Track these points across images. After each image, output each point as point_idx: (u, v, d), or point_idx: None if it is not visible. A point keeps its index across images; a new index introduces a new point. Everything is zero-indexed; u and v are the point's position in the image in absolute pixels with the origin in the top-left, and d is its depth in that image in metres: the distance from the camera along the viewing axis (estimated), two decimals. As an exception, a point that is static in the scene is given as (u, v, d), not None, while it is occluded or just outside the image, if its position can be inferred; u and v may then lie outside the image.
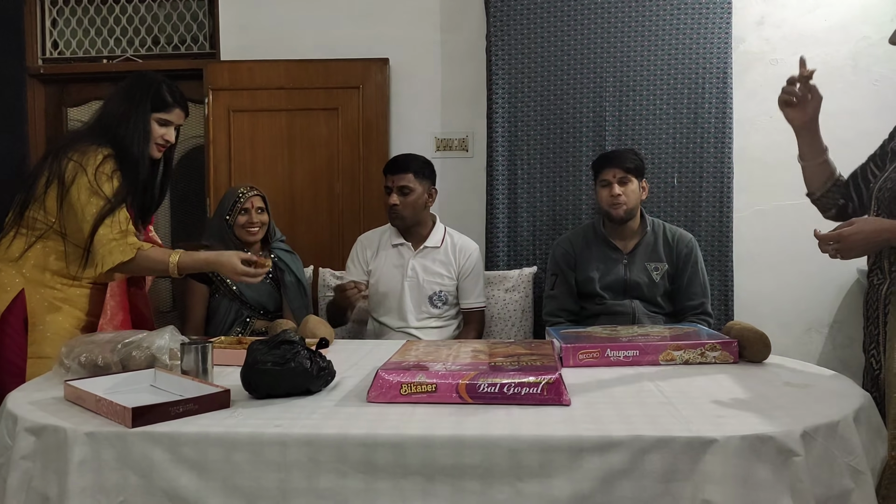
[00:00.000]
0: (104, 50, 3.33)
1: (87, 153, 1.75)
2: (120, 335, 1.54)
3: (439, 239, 2.38)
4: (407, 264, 2.34)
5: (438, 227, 2.41)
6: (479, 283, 2.39)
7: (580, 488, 1.07)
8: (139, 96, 1.84)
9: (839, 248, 1.37)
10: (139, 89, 1.86)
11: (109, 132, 1.81)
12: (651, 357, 1.59)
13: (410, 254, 2.35)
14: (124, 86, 1.88)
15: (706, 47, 2.70)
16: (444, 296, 2.34)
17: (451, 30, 3.02)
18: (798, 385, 1.39)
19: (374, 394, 1.29)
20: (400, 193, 2.27)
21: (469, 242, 2.42)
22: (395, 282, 2.34)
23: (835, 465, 1.12)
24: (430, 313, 2.34)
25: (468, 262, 2.36)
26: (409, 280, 2.33)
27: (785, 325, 2.84)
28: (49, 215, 1.76)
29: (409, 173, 2.27)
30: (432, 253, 2.36)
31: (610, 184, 2.23)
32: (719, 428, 1.11)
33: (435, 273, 2.34)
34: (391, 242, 2.38)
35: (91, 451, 1.12)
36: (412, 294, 2.33)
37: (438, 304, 2.34)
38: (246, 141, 3.02)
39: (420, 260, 2.35)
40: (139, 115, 1.83)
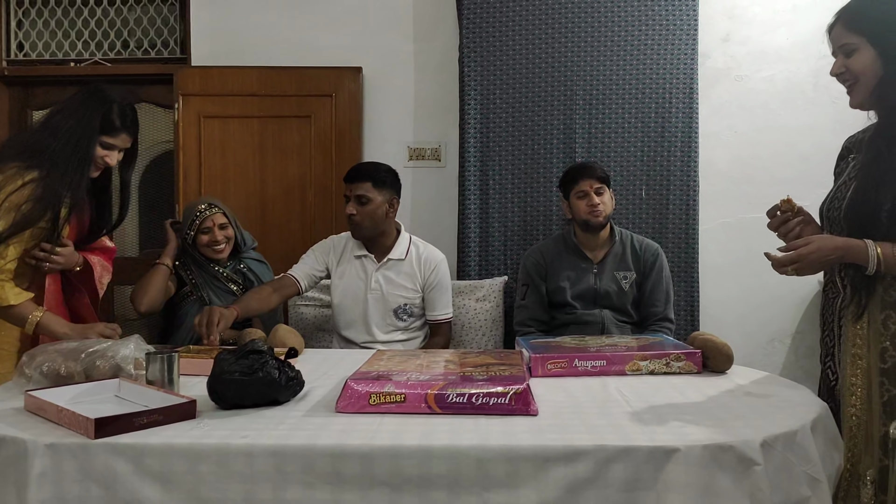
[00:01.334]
0: (71, 53, 3.27)
1: (7, 175, 1.65)
2: (84, 344, 1.52)
3: (404, 250, 2.30)
4: (370, 277, 2.27)
5: (403, 238, 2.33)
6: (445, 294, 2.33)
7: (546, 497, 1.08)
8: (87, 115, 1.75)
9: (798, 267, 1.38)
10: (89, 107, 1.76)
11: (47, 150, 1.70)
12: (618, 367, 1.62)
13: (374, 266, 2.28)
14: (75, 100, 1.78)
15: (673, 63, 2.77)
16: (410, 308, 2.29)
17: (424, 40, 3.04)
18: (758, 395, 1.42)
19: (343, 403, 1.29)
20: (357, 203, 2.19)
21: (435, 253, 2.35)
22: (358, 295, 2.27)
23: (793, 473, 1.15)
24: (396, 326, 2.28)
25: (433, 275, 2.29)
26: (372, 293, 2.26)
27: (749, 336, 2.91)
28: None
29: (368, 182, 2.19)
30: (397, 265, 2.29)
31: (587, 194, 2.28)
32: (682, 437, 1.13)
33: (399, 286, 2.27)
34: (354, 253, 2.30)
35: (52, 463, 1.10)
36: (376, 307, 2.26)
37: (404, 317, 2.28)
38: (217, 147, 2.99)
39: (384, 272, 2.28)
40: (84, 135, 1.73)
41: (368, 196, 2.19)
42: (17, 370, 1.48)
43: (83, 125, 1.74)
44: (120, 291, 3.18)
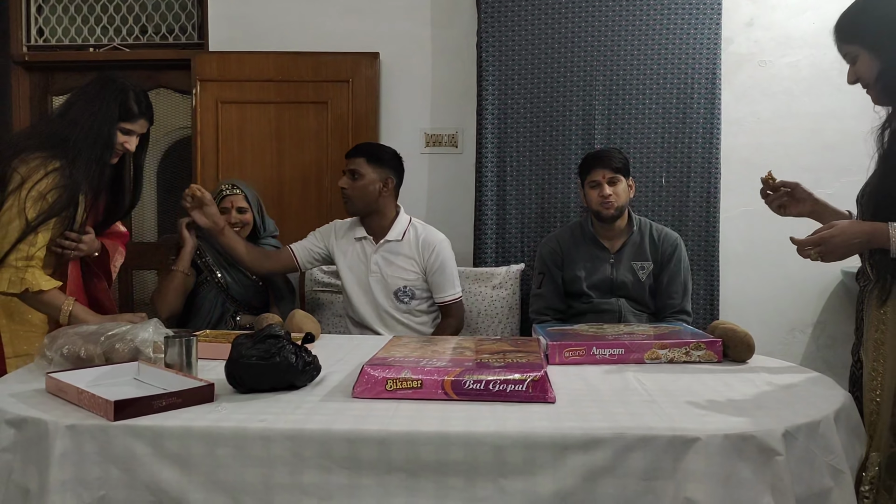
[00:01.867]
0: (91, 38, 3.29)
1: (32, 166, 1.67)
2: (103, 327, 1.53)
3: (401, 231, 2.30)
4: (370, 259, 2.29)
5: (401, 219, 2.32)
6: (449, 275, 2.31)
7: (563, 485, 1.08)
8: (106, 103, 1.77)
9: (821, 251, 1.38)
10: (106, 96, 1.78)
11: (67, 140, 1.72)
12: (636, 355, 1.60)
13: (372, 248, 2.30)
14: (91, 89, 1.80)
15: (696, 48, 2.72)
16: (411, 290, 2.29)
17: (441, 25, 3.02)
18: (780, 385, 1.40)
19: (360, 389, 1.29)
20: (350, 177, 2.24)
21: (434, 234, 2.33)
22: (361, 278, 2.30)
23: (815, 463, 1.14)
24: (398, 308, 2.29)
25: (433, 256, 2.28)
26: (373, 275, 2.28)
27: (769, 325, 2.87)
28: None
29: (361, 157, 2.24)
30: (395, 247, 2.29)
31: (600, 184, 2.23)
32: (702, 426, 1.11)
33: (398, 268, 2.28)
34: (354, 236, 2.32)
35: (72, 444, 1.11)
36: (378, 289, 2.28)
37: (405, 299, 2.28)
38: (234, 133, 3.00)
39: (382, 254, 2.29)
40: (103, 124, 1.76)
41: (361, 171, 2.23)
42: (39, 352, 1.50)
43: (103, 113, 1.76)
44: (139, 276, 3.21)
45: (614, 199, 2.22)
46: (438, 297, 2.32)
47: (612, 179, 2.23)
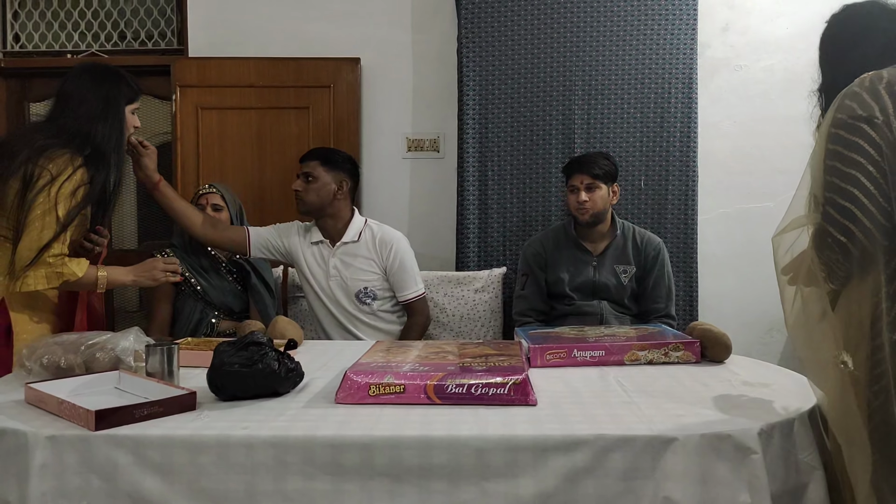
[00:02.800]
0: (68, 44, 3.26)
1: (58, 162, 1.67)
2: (83, 336, 1.52)
3: (356, 232, 2.31)
4: (328, 263, 2.30)
5: (356, 221, 2.33)
6: (410, 272, 2.32)
7: (545, 487, 1.09)
8: (113, 90, 1.78)
9: None
10: (109, 83, 1.79)
11: (88, 136, 1.73)
12: (616, 357, 1.62)
13: (329, 251, 2.31)
14: (90, 80, 1.78)
15: (672, 53, 2.76)
16: (372, 292, 2.29)
17: (422, 31, 3.03)
18: (756, 384, 1.43)
19: (343, 395, 1.30)
20: (304, 179, 2.26)
21: (391, 233, 2.34)
22: (323, 281, 2.30)
23: (790, 461, 1.16)
24: (361, 310, 2.30)
25: (392, 255, 2.29)
26: (332, 279, 2.29)
27: (747, 325, 2.91)
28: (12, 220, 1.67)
29: (316, 161, 2.27)
30: (352, 248, 2.30)
31: (578, 189, 2.26)
32: (680, 427, 1.13)
33: (357, 269, 2.29)
34: (311, 240, 2.33)
35: (53, 454, 1.11)
36: (340, 293, 2.29)
37: (367, 300, 2.29)
38: (214, 139, 2.99)
39: (340, 257, 2.30)
40: (117, 112, 1.78)
41: (314, 174, 2.25)
42: (17, 362, 1.48)
43: (113, 103, 1.78)
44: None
45: (590, 205, 2.25)
46: (402, 296, 2.32)
47: (591, 185, 2.25)
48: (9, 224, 1.68)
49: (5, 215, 1.68)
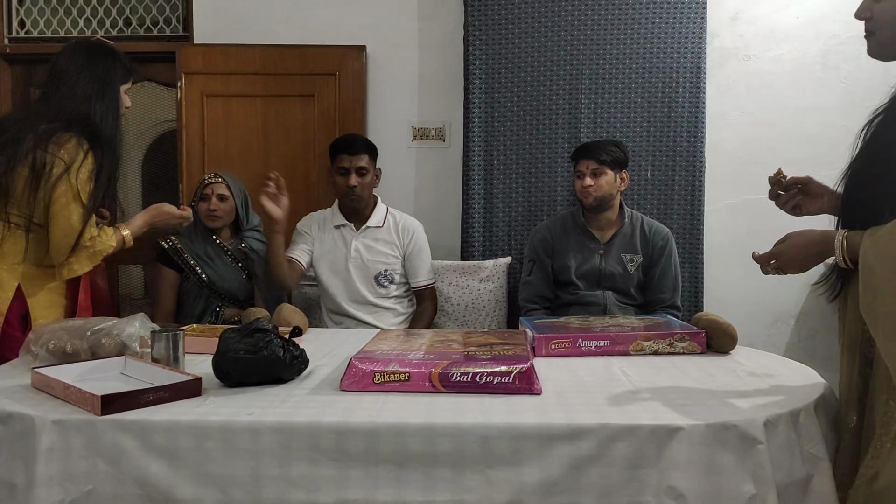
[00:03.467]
0: (73, 30, 3.25)
1: (68, 148, 1.69)
2: (89, 322, 1.53)
3: (381, 218, 2.38)
4: (350, 245, 2.34)
5: (380, 207, 2.40)
6: (426, 259, 2.41)
7: (549, 475, 1.09)
8: (108, 71, 1.79)
9: (778, 264, 1.35)
10: (104, 63, 1.80)
11: (88, 116, 1.74)
12: (621, 347, 1.62)
13: (353, 234, 2.35)
14: (85, 59, 1.79)
15: (681, 42, 2.74)
16: (391, 275, 2.34)
17: (428, 18, 3.01)
18: (762, 375, 1.43)
19: (348, 382, 1.30)
20: (358, 174, 2.27)
21: (412, 221, 2.43)
22: (340, 263, 2.34)
23: (795, 452, 1.16)
24: (378, 293, 2.34)
25: (412, 240, 2.37)
26: (353, 261, 2.33)
27: (753, 317, 2.91)
28: (23, 208, 1.69)
29: (366, 154, 2.29)
30: (374, 232, 2.36)
31: (583, 175, 2.27)
32: (685, 416, 1.13)
33: (379, 252, 2.34)
34: (333, 224, 2.37)
35: (59, 438, 1.11)
36: (357, 274, 2.33)
37: (385, 283, 2.34)
38: (220, 126, 2.98)
39: (362, 240, 2.35)
40: (112, 92, 1.80)
41: (366, 167, 2.29)
42: (24, 347, 1.49)
43: (108, 83, 1.80)
44: (124, 271, 3.19)
45: (593, 189, 2.25)
46: (415, 282, 2.39)
47: (596, 171, 2.25)
48: (20, 212, 1.70)
49: (15, 203, 1.69)
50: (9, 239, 1.71)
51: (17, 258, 1.71)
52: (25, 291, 1.73)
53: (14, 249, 1.71)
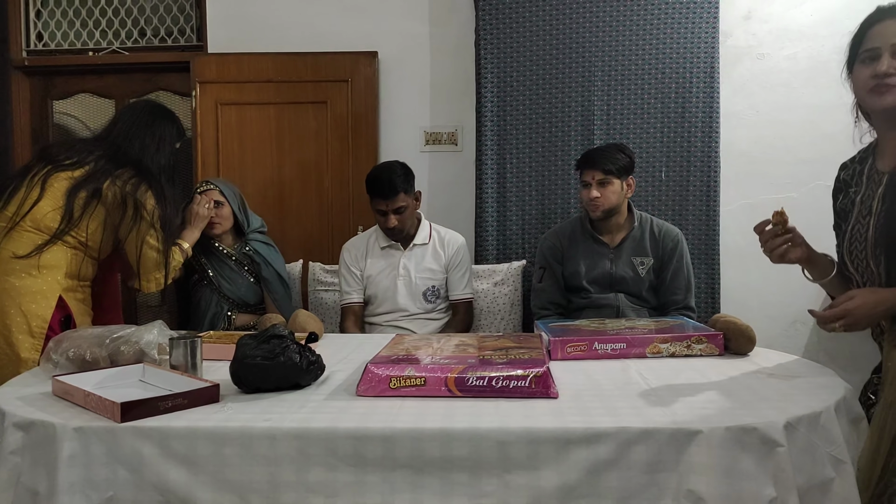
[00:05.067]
0: (90, 42, 3.30)
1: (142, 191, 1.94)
2: (108, 330, 1.54)
3: (426, 236, 2.44)
4: (398, 263, 2.39)
5: (424, 225, 2.46)
6: (466, 274, 2.44)
7: (567, 479, 1.09)
8: (168, 133, 2.05)
9: (846, 323, 1.33)
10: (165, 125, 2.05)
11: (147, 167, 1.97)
12: (638, 350, 1.61)
13: (400, 253, 2.40)
14: (148, 118, 2.04)
15: (693, 42, 2.72)
16: (437, 290, 2.40)
17: (439, 23, 3.02)
18: (782, 377, 1.41)
19: (364, 387, 1.30)
20: (396, 213, 2.31)
21: (456, 235, 2.48)
22: (388, 282, 2.38)
23: (817, 454, 1.14)
24: (425, 308, 2.39)
25: (455, 254, 2.42)
26: (401, 279, 2.38)
27: (771, 318, 2.88)
28: (80, 232, 1.88)
29: (400, 193, 2.29)
30: (421, 250, 2.42)
31: (589, 185, 2.24)
32: (704, 419, 1.12)
33: (426, 269, 2.39)
34: (379, 245, 2.42)
35: (80, 446, 1.12)
36: (405, 292, 2.37)
37: (432, 298, 2.40)
38: (234, 134, 3.01)
39: (410, 258, 2.40)
40: (170, 152, 2.06)
41: (404, 205, 2.32)
42: (45, 356, 1.51)
43: (168, 143, 2.05)
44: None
45: (601, 201, 2.22)
46: (453, 294, 2.42)
47: (602, 181, 2.22)
48: (76, 234, 1.88)
49: (73, 225, 1.87)
50: (56, 255, 1.86)
51: (61, 272, 1.87)
52: (67, 300, 1.87)
53: (59, 264, 1.86)
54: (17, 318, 1.79)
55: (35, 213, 1.85)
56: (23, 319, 1.79)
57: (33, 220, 1.85)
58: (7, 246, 1.83)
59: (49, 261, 1.85)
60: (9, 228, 1.84)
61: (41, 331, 1.80)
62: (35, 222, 1.85)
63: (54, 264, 1.85)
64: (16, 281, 1.81)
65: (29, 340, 1.79)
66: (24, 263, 1.82)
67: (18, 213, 1.85)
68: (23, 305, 1.80)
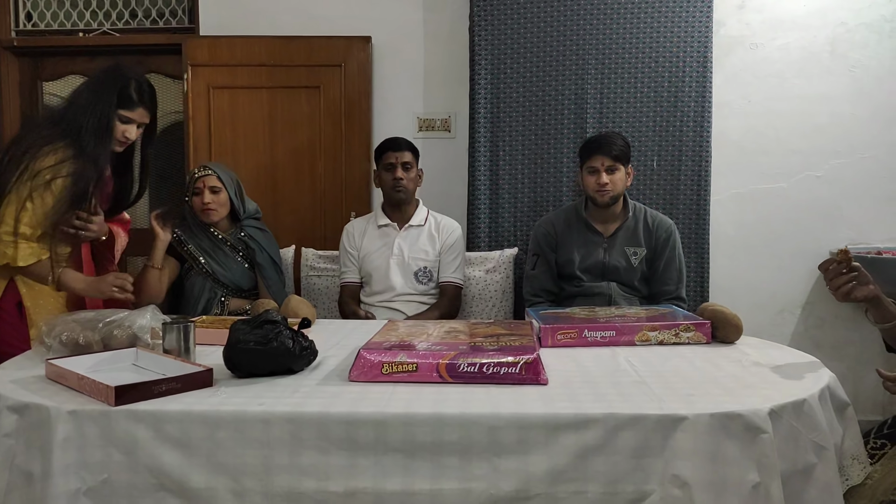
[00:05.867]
0: (80, 23, 3.26)
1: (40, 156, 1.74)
2: (101, 314, 1.55)
3: (423, 218, 2.47)
4: (393, 242, 2.42)
5: (422, 209, 2.50)
6: (457, 259, 2.45)
7: (556, 464, 1.11)
8: (106, 90, 1.83)
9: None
10: (108, 82, 1.84)
11: (72, 124, 1.79)
12: (627, 338, 1.63)
13: (395, 233, 2.44)
14: (96, 76, 1.88)
15: (687, 31, 2.72)
16: (429, 272, 2.42)
17: (434, 9, 3.01)
18: (767, 365, 1.43)
19: (356, 373, 1.31)
20: (403, 169, 2.39)
21: (452, 221, 2.52)
22: (381, 260, 2.41)
23: (800, 441, 1.17)
24: (417, 289, 2.41)
25: (450, 238, 2.46)
26: (395, 258, 2.41)
27: (759, 307, 2.91)
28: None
29: (408, 151, 2.42)
30: (416, 231, 2.45)
31: (598, 171, 2.23)
32: (690, 406, 1.15)
33: (419, 250, 2.42)
34: (377, 223, 2.47)
35: (74, 428, 1.14)
36: (398, 270, 2.40)
37: (424, 280, 2.42)
38: (226, 118, 2.99)
39: (405, 238, 2.43)
40: (102, 109, 1.81)
41: (411, 163, 2.41)
42: (37, 339, 1.51)
43: (103, 100, 1.82)
44: (133, 263, 3.21)
45: (611, 187, 2.22)
46: (443, 277, 2.44)
47: (611, 167, 2.22)
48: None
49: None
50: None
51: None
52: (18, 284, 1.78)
53: None
54: None
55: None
56: None
57: None
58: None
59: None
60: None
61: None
62: None
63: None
64: None
65: None
66: None
67: None
68: None
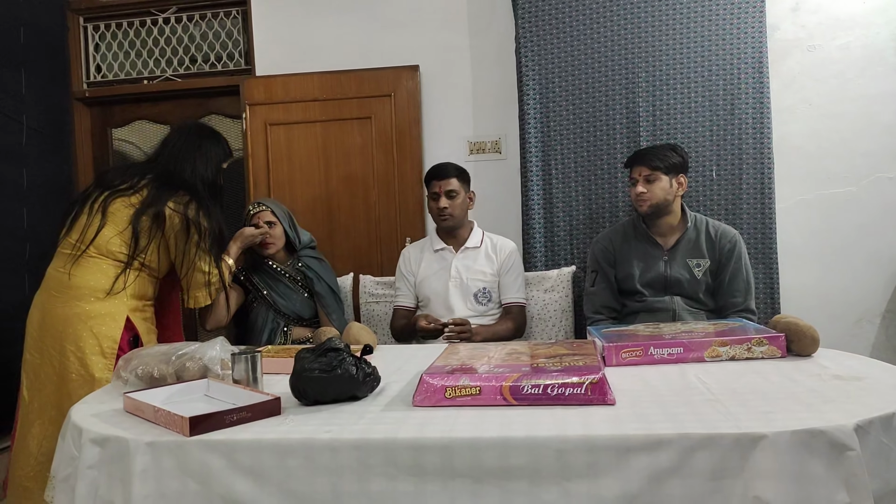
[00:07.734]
0: (144, 71, 3.45)
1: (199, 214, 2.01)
2: (173, 347, 1.60)
3: (478, 240, 2.49)
4: (450, 266, 2.44)
5: (477, 231, 2.51)
6: (518, 278, 2.45)
7: (628, 488, 1.07)
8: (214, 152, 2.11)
9: None
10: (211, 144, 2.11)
11: (192, 185, 2.03)
12: (696, 354, 1.58)
13: (452, 256, 2.46)
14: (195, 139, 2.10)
15: (740, 37, 2.67)
16: (489, 292, 2.43)
17: (479, 33, 3.04)
18: (849, 378, 1.36)
19: (420, 398, 1.31)
20: (447, 197, 2.40)
21: (508, 241, 2.53)
22: (440, 284, 2.43)
23: (891, 458, 1.10)
24: (476, 311, 2.41)
25: (508, 258, 2.46)
26: (453, 280, 2.43)
27: (834, 317, 2.78)
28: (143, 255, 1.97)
29: (453, 178, 2.42)
30: (473, 253, 2.46)
31: (636, 181, 2.25)
32: (768, 423, 1.09)
33: (477, 271, 2.43)
34: (433, 248, 2.49)
35: (152, 459, 1.17)
36: (457, 293, 2.41)
37: (483, 300, 2.42)
38: (283, 152, 3.09)
39: (462, 260, 2.45)
40: (216, 168, 2.11)
41: (456, 190, 2.42)
42: (115, 374, 1.57)
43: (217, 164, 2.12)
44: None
45: (647, 196, 2.22)
46: (506, 298, 2.44)
47: (649, 177, 2.22)
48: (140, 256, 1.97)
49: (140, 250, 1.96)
50: (126, 278, 1.96)
51: (127, 294, 1.96)
52: (134, 320, 1.96)
53: (129, 287, 1.96)
54: (90, 340, 1.88)
55: (99, 240, 1.93)
56: (95, 341, 1.88)
57: (97, 246, 1.94)
58: (76, 273, 1.91)
59: (117, 286, 1.93)
60: (76, 256, 1.92)
61: (112, 351, 1.89)
62: (98, 248, 1.94)
63: (119, 289, 1.94)
64: (86, 305, 1.90)
65: (102, 361, 1.88)
66: (93, 288, 1.91)
67: (83, 241, 1.93)
68: (94, 328, 1.89)
